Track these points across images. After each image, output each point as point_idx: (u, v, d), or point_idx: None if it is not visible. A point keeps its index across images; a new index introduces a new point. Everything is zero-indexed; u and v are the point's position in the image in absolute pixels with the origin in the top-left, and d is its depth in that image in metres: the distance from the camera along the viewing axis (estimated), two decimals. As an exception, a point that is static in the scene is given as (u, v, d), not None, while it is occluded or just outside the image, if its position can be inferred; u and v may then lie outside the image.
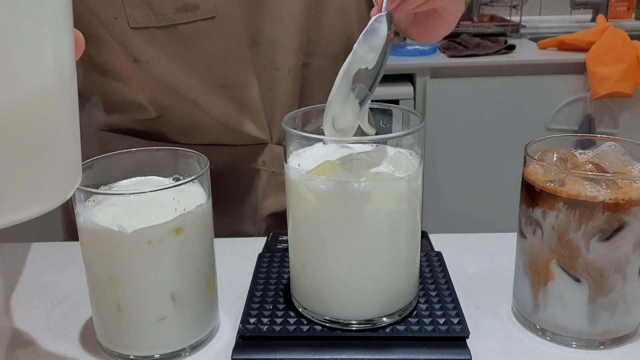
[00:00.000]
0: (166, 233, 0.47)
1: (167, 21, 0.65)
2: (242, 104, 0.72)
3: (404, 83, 1.84)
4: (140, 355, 0.51)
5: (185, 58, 0.69)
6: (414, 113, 0.53)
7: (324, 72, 0.76)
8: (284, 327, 0.51)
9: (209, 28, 0.67)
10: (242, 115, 0.73)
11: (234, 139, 0.74)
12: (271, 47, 0.72)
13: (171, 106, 0.73)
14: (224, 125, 0.72)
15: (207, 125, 0.73)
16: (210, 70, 0.70)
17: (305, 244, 0.52)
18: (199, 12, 0.65)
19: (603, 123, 1.86)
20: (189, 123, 0.73)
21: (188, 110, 0.72)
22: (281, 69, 0.73)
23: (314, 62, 0.75)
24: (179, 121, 0.74)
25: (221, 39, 0.68)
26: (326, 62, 0.76)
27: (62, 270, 0.66)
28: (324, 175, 0.47)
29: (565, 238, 0.49)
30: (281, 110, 0.75)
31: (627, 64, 1.75)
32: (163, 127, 0.75)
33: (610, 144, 0.53)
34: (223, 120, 0.72)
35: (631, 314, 0.51)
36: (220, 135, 0.74)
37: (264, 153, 0.76)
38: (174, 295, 0.49)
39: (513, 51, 1.88)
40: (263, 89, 0.73)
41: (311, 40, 0.74)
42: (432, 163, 1.87)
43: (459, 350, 0.49)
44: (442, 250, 0.64)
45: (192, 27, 0.66)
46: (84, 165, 0.51)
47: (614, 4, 2.39)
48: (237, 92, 0.71)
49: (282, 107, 0.75)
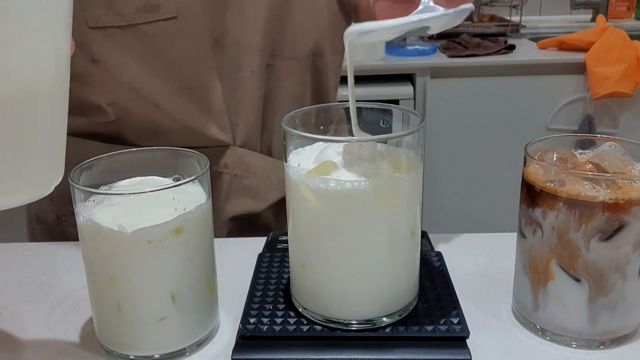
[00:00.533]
0: (166, 233, 0.47)
1: (127, 21, 0.64)
2: (205, 106, 0.71)
3: (404, 83, 1.84)
4: (140, 355, 0.51)
5: (146, 59, 0.67)
6: (414, 113, 0.53)
7: (289, 74, 0.75)
8: (284, 327, 0.51)
9: (171, 28, 0.66)
10: (205, 117, 0.71)
11: (195, 141, 0.72)
12: (235, 49, 0.70)
13: (131, 108, 0.71)
14: (185, 128, 0.71)
15: (168, 128, 0.72)
16: (173, 72, 0.68)
17: (305, 244, 0.52)
18: (160, 12, 0.64)
19: (603, 123, 1.86)
20: (149, 126, 0.72)
21: (149, 113, 0.71)
22: (244, 71, 0.72)
23: (279, 63, 0.74)
24: (139, 124, 0.72)
25: (183, 39, 0.67)
26: (292, 64, 0.75)
27: (62, 270, 0.66)
28: (324, 175, 0.47)
29: (565, 238, 0.49)
30: (245, 112, 0.74)
31: (627, 64, 1.75)
32: (123, 130, 0.74)
33: (610, 144, 0.53)
34: (185, 122, 0.71)
35: (631, 314, 0.51)
36: (181, 138, 0.72)
37: (226, 155, 0.75)
38: (174, 295, 0.49)
39: (513, 51, 1.88)
40: (226, 91, 0.72)
41: (276, 41, 0.73)
42: (432, 163, 1.87)
43: (459, 350, 0.49)
44: (442, 250, 0.64)
45: (153, 27, 0.65)
46: (84, 165, 0.51)
47: (614, 4, 2.39)
48: (200, 94, 0.70)
49: (246, 109, 0.74)
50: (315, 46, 0.76)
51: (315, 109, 0.54)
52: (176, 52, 0.67)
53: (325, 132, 0.54)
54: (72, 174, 0.49)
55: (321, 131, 0.54)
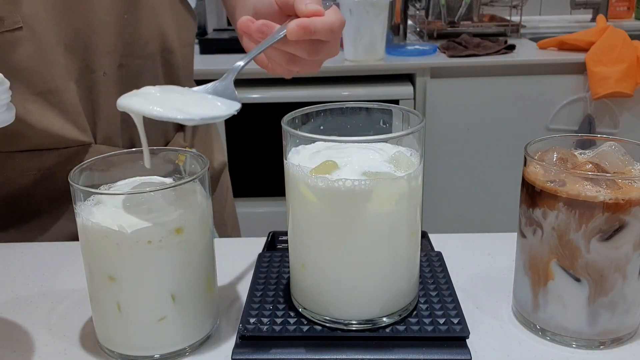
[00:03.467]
0: (166, 233, 0.47)
1: None
2: (61, 109, 0.72)
3: (404, 83, 1.84)
4: (140, 355, 0.51)
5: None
6: (414, 113, 0.53)
7: (142, 72, 0.78)
8: (284, 327, 0.51)
9: (18, 38, 0.67)
10: (62, 119, 0.72)
11: (55, 143, 0.73)
12: (85, 52, 0.72)
13: None
14: (44, 132, 0.71)
15: (26, 133, 0.71)
16: (24, 79, 0.69)
17: (305, 243, 0.52)
18: (5, 23, 0.66)
19: (603, 123, 1.86)
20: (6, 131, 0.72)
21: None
22: (96, 72, 0.74)
23: (131, 63, 0.77)
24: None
25: (32, 48, 0.68)
26: (142, 62, 0.78)
27: (62, 270, 0.66)
28: (324, 174, 0.47)
29: (565, 238, 0.49)
30: (103, 111, 0.76)
31: (627, 64, 1.75)
32: None
33: (610, 144, 0.53)
34: (42, 127, 0.71)
35: (631, 314, 0.51)
36: (41, 140, 0.72)
37: (89, 153, 0.75)
38: (174, 295, 0.49)
39: (513, 51, 1.88)
40: (82, 92, 0.73)
41: (126, 42, 0.75)
42: (432, 163, 1.87)
43: (459, 350, 0.49)
44: (442, 250, 0.64)
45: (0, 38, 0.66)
46: (84, 165, 0.51)
47: (614, 4, 2.39)
48: (55, 97, 0.71)
49: (104, 109, 0.76)
50: (162, 41, 0.80)
51: (315, 109, 0.54)
52: (26, 60, 0.68)
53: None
54: (72, 174, 0.49)
55: (320, 131, 0.54)
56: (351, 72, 1.82)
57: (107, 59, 0.74)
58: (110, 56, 0.74)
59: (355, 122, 0.55)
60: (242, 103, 0.52)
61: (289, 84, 1.76)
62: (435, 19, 2.13)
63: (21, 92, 0.69)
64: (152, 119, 0.47)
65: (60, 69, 0.71)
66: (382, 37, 1.82)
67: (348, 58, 1.81)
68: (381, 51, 1.84)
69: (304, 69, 0.62)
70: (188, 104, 0.51)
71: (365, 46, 1.79)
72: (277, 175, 0.60)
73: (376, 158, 0.50)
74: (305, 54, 0.58)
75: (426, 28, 2.13)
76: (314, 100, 1.67)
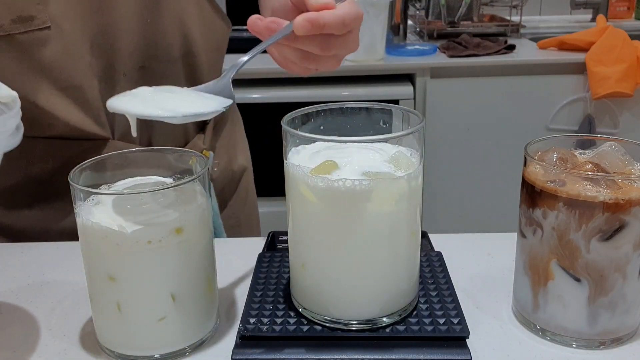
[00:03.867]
0: (166, 233, 0.47)
1: (3, 31, 0.67)
2: (83, 104, 0.74)
3: (404, 83, 1.84)
4: (140, 355, 0.51)
5: (24, 64, 0.70)
6: (414, 113, 0.53)
7: (163, 74, 0.79)
8: (284, 327, 0.51)
9: (46, 37, 0.68)
10: (83, 114, 0.74)
11: (76, 135, 0.75)
12: (109, 51, 0.73)
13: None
14: (65, 124, 0.74)
15: (52, 122, 0.74)
16: (51, 75, 0.71)
17: (305, 243, 0.52)
18: (35, 22, 0.67)
19: (603, 123, 1.86)
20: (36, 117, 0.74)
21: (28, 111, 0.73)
22: (119, 72, 0.75)
23: (152, 65, 0.77)
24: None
25: (59, 46, 0.70)
26: (165, 65, 0.78)
27: (62, 270, 0.66)
28: (324, 174, 0.47)
29: (565, 238, 0.49)
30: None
31: (627, 64, 1.75)
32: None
33: (610, 144, 0.53)
34: (65, 119, 0.73)
35: (631, 314, 0.51)
36: (63, 130, 0.75)
37: (107, 148, 0.77)
38: (174, 295, 0.49)
39: (513, 51, 1.88)
40: (104, 90, 0.74)
41: (148, 45, 0.76)
42: (432, 163, 1.87)
43: (459, 350, 0.49)
44: (442, 250, 0.64)
45: (29, 36, 0.68)
46: (84, 165, 0.51)
47: (614, 4, 2.39)
48: (78, 93, 0.73)
49: None
50: (186, 48, 0.80)
51: (315, 110, 0.54)
52: (52, 57, 0.70)
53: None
54: (72, 174, 0.49)
55: (320, 131, 0.54)
56: (351, 72, 1.82)
57: (128, 60, 0.75)
58: (132, 57, 0.75)
59: (355, 122, 0.55)
60: (243, 103, 0.52)
61: (289, 84, 1.76)
62: (435, 19, 2.13)
63: (48, 86, 0.71)
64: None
65: (85, 67, 0.72)
66: (382, 37, 1.82)
67: (348, 58, 1.80)
68: (381, 51, 1.84)
69: (322, 66, 0.61)
70: (178, 102, 0.51)
71: (365, 46, 1.79)
72: (277, 175, 0.60)
73: (376, 158, 0.50)
74: (317, 50, 0.57)
75: (426, 28, 2.13)
76: (314, 100, 1.67)
